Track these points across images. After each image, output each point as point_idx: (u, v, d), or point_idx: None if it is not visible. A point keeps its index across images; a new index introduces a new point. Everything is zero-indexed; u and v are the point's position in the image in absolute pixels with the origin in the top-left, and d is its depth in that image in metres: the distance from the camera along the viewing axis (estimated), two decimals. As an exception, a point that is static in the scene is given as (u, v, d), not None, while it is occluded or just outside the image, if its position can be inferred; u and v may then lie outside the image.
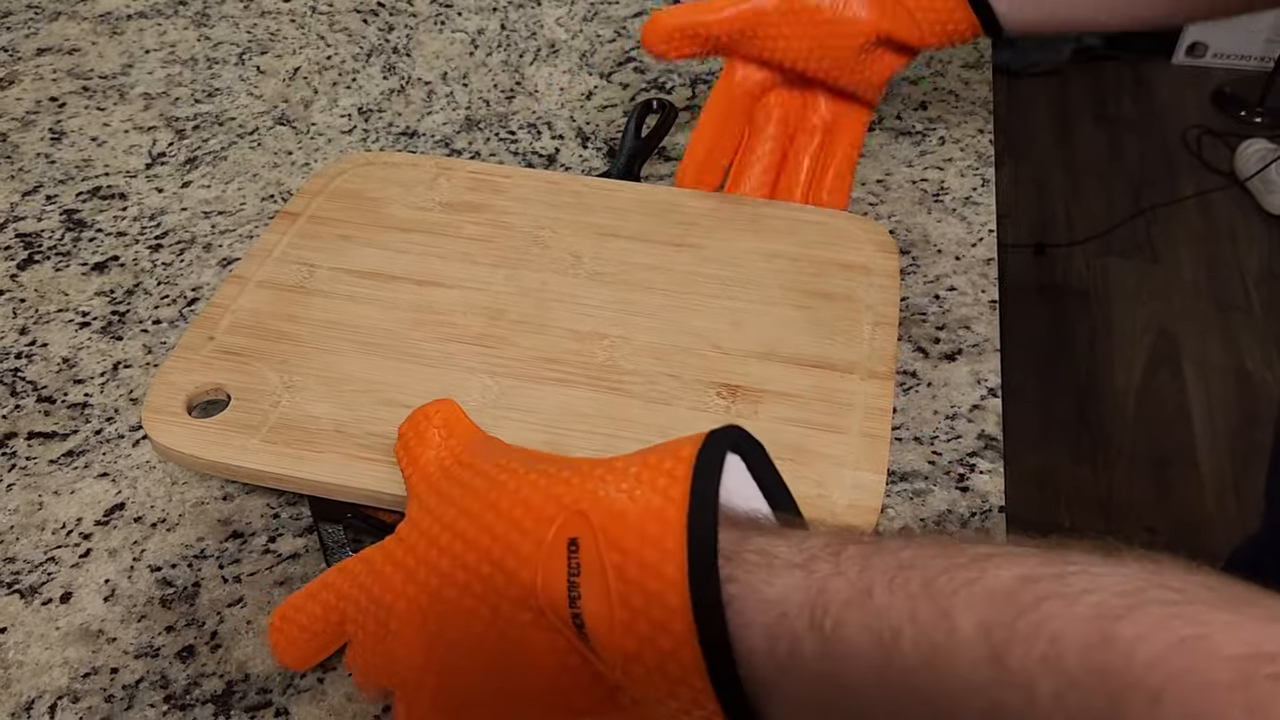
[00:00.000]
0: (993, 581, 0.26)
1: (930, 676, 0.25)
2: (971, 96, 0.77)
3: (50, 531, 0.50)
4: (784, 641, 0.28)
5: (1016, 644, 0.24)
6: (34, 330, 0.60)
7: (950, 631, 0.25)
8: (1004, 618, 0.25)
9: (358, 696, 0.44)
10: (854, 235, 0.58)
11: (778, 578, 0.28)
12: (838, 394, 0.49)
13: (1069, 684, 0.23)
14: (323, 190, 0.60)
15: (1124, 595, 0.24)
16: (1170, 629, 0.23)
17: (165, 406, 0.48)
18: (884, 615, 0.26)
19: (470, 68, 0.81)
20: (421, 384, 0.49)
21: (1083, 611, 0.24)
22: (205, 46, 0.84)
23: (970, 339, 0.59)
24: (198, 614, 0.47)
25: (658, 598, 0.29)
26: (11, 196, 0.70)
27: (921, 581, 0.26)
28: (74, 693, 0.44)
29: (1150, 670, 0.23)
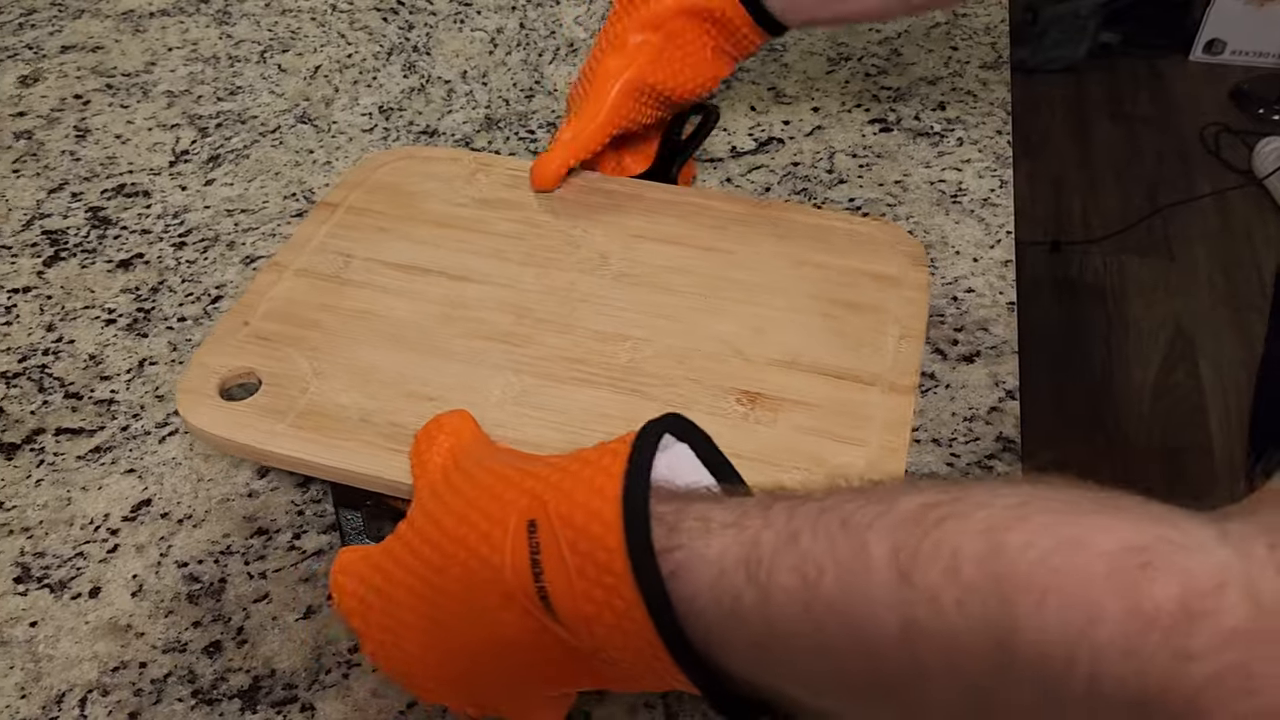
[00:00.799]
0: (900, 511, 0.28)
1: (850, 604, 0.28)
2: (990, 97, 0.77)
3: (79, 527, 0.51)
4: (727, 596, 0.30)
5: (921, 562, 0.27)
6: (61, 327, 0.61)
7: (865, 561, 0.28)
8: (910, 541, 0.28)
9: (382, 692, 0.45)
10: (885, 245, 0.58)
11: (715, 539, 0.31)
12: (858, 406, 0.49)
13: (968, 591, 0.26)
14: (362, 182, 0.61)
15: (1012, 509, 0.27)
16: (1053, 533, 0.26)
17: (199, 388, 0.49)
18: (808, 556, 0.29)
19: (490, 66, 0.82)
20: (446, 378, 0.50)
21: (976, 526, 0.27)
22: (227, 44, 0.85)
23: (988, 341, 0.60)
24: (224, 610, 0.48)
25: (606, 566, 0.31)
26: (38, 194, 0.71)
27: (840, 520, 0.29)
28: (103, 686, 0.45)
29: (1036, 570, 0.25)
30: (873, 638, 0.28)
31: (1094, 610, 0.25)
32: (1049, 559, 0.26)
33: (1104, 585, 0.25)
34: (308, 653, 0.46)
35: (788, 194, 0.69)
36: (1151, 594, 0.24)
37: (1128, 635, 0.24)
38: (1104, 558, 0.25)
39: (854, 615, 0.28)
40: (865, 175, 0.70)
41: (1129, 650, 0.24)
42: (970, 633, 0.26)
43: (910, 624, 0.27)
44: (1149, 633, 0.24)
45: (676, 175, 0.65)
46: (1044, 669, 0.25)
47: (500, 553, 0.33)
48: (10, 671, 0.45)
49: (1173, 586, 0.24)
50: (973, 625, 0.26)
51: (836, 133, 0.74)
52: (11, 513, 0.51)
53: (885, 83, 0.79)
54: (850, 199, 0.69)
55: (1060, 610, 0.25)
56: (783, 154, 0.72)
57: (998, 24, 0.85)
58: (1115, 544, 0.25)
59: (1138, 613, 0.24)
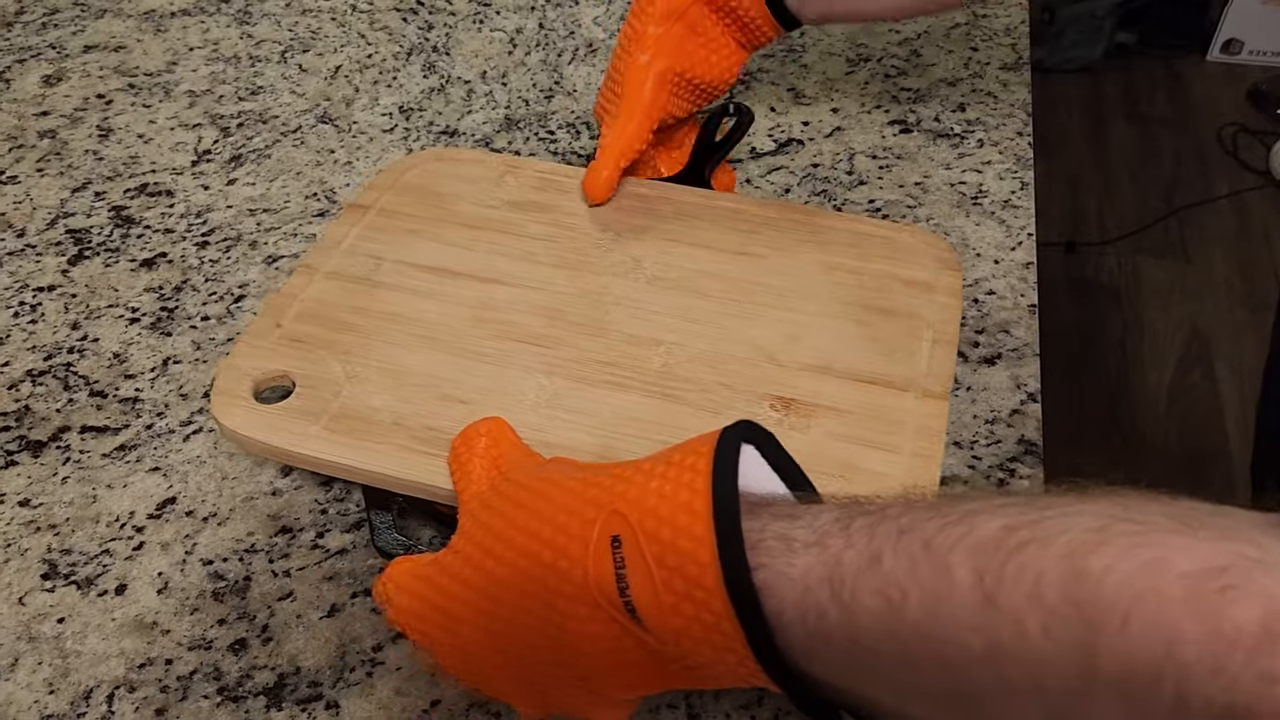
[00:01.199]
0: (981, 533, 0.29)
1: (935, 627, 0.29)
2: (1010, 99, 0.77)
3: (104, 524, 0.51)
4: (812, 614, 0.31)
5: (1005, 587, 0.27)
6: (85, 325, 0.62)
7: (949, 584, 0.28)
8: (993, 564, 0.28)
9: (406, 691, 0.45)
10: (918, 250, 0.58)
11: (798, 558, 0.32)
12: (891, 412, 0.49)
13: (1052, 616, 0.27)
14: (392, 184, 0.61)
15: (1092, 531, 0.27)
16: (1133, 556, 0.26)
17: (232, 390, 0.49)
18: (892, 578, 0.30)
19: (509, 67, 0.82)
20: (479, 380, 0.50)
21: (1058, 550, 0.27)
22: (248, 44, 0.85)
23: (1010, 343, 0.60)
24: (249, 607, 0.48)
25: (696, 580, 0.32)
26: (61, 193, 0.71)
27: (922, 542, 0.30)
28: (130, 683, 0.45)
29: (1118, 595, 0.26)
30: (958, 659, 0.28)
31: (1175, 633, 0.25)
32: (1130, 583, 0.26)
33: (1183, 609, 0.25)
34: (332, 651, 0.46)
35: (807, 195, 0.69)
36: (1232, 616, 0.24)
37: (1213, 655, 0.24)
38: (1182, 580, 0.25)
39: (939, 637, 0.29)
40: (885, 177, 0.70)
41: (1215, 669, 0.24)
42: (1055, 655, 0.26)
43: (995, 647, 0.27)
44: (1233, 653, 0.24)
45: (709, 177, 0.65)
46: (1129, 689, 0.26)
47: (581, 567, 0.34)
48: (39, 667, 0.46)
49: (1254, 608, 0.24)
50: (1058, 648, 0.26)
51: (856, 134, 0.74)
52: (38, 510, 0.52)
53: (905, 84, 0.79)
54: (870, 200, 0.69)
55: (1143, 634, 0.25)
56: (802, 155, 0.72)
57: (1018, 25, 0.85)
58: (1194, 565, 0.26)
59: (1219, 635, 0.24)
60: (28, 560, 0.50)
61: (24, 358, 0.60)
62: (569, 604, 0.34)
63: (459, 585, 0.37)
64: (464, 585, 0.37)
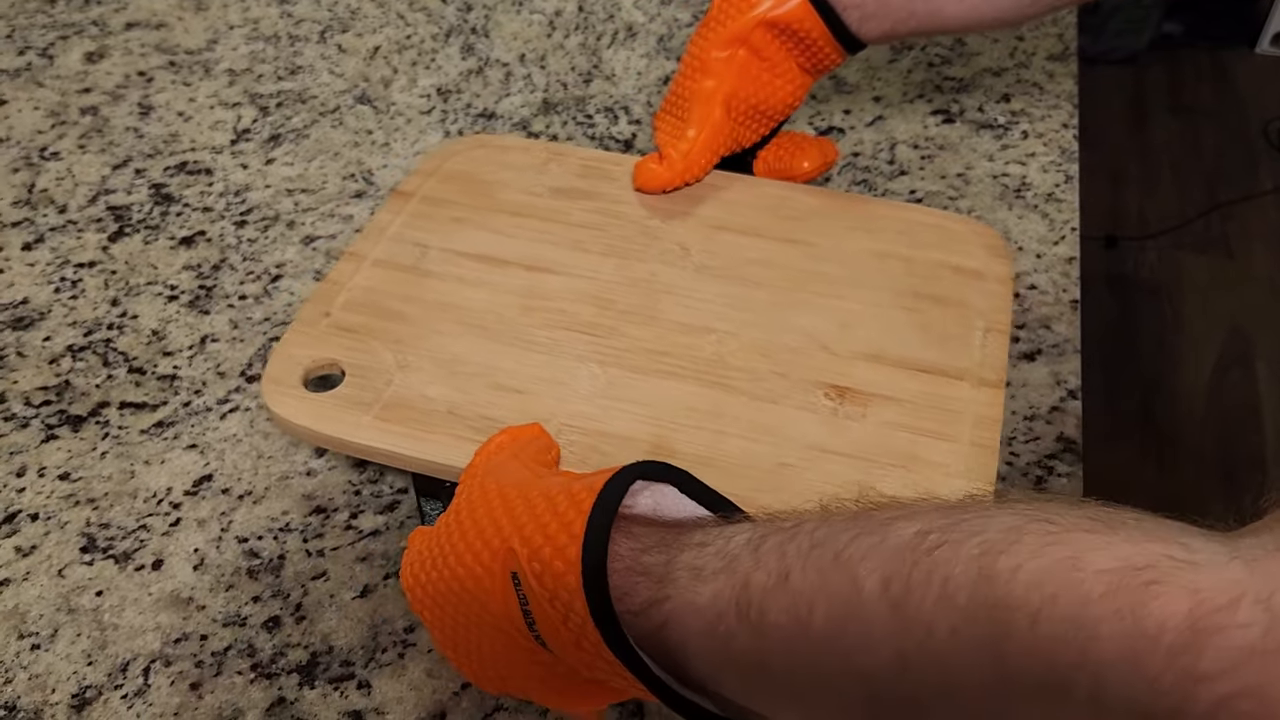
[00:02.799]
0: (894, 540, 0.28)
1: (844, 640, 0.28)
2: (1056, 90, 0.76)
3: (142, 500, 0.52)
4: (719, 640, 0.30)
5: (914, 592, 0.27)
6: (125, 302, 0.62)
7: (857, 594, 0.28)
8: (901, 570, 0.27)
9: (437, 673, 0.45)
10: (966, 238, 0.57)
11: (705, 586, 0.31)
12: (947, 401, 0.49)
13: (961, 618, 0.26)
14: (436, 171, 0.62)
15: (1005, 533, 0.26)
16: (1046, 555, 0.25)
17: (284, 378, 0.50)
18: (800, 594, 0.29)
19: (548, 50, 0.82)
20: (532, 369, 0.50)
21: (969, 551, 0.26)
22: (288, 24, 0.85)
23: (1050, 339, 0.59)
24: (283, 586, 0.48)
25: (572, 608, 0.32)
26: (103, 170, 0.72)
27: (832, 555, 0.29)
28: (166, 657, 0.46)
29: (1028, 594, 0.25)
30: (867, 670, 0.28)
31: (1091, 630, 0.24)
32: (1041, 582, 0.25)
33: (1101, 604, 0.24)
34: (364, 631, 0.47)
35: (847, 185, 0.68)
36: (1154, 611, 0.23)
37: (1131, 654, 0.23)
38: (1101, 576, 0.24)
39: (847, 649, 0.28)
40: (927, 167, 0.69)
41: (1133, 670, 0.23)
42: (965, 660, 0.26)
43: (903, 655, 0.27)
44: (1153, 652, 0.23)
45: (751, 163, 0.65)
46: (1043, 690, 0.24)
47: (495, 599, 0.35)
48: (78, 639, 0.46)
49: (1180, 603, 0.23)
50: (967, 652, 0.25)
51: (898, 123, 0.73)
52: (78, 484, 0.53)
53: (949, 73, 0.78)
54: (911, 191, 0.68)
55: (1055, 629, 0.24)
56: (843, 144, 0.72)
57: (1065, 15, 0.83)
58: (1114, 562, 0.24)
59: (1139, 631, 0.23)
60: (67, 533, 0.50)
61: (65, 333, 0.60)
62: (494, 623, 0.35)
63: (429, 558, 0.38)
64: (430, 560, 0.38)
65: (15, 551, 0.50)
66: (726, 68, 0.60)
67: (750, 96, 0.61)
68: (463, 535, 0.36)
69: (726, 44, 0.60)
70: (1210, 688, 0.22)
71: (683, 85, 0.62)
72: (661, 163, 0.61)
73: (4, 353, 0.59)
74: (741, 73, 0.60)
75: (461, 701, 0.44)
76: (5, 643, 0.46)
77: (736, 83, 0.60)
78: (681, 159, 0.60)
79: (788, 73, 0.61)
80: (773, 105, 0.62)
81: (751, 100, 0.61)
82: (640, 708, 0.44)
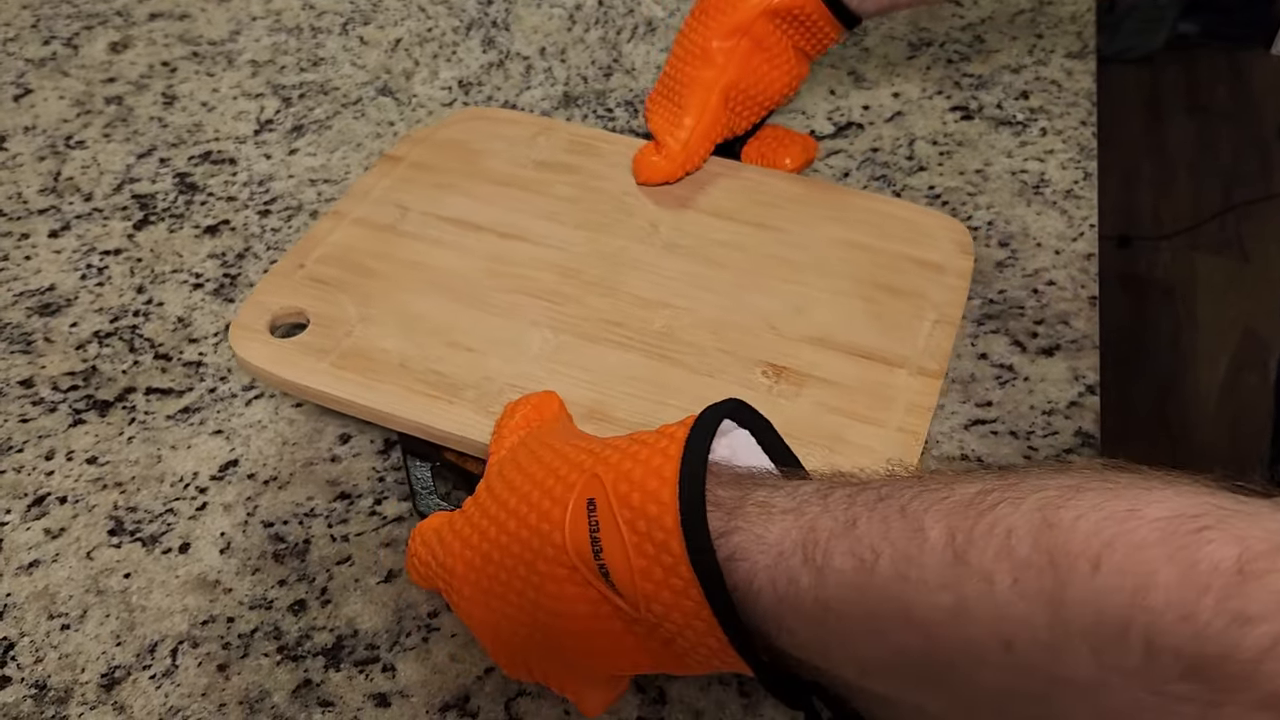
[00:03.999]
0: (958, 496, 0.29)
1: (904, 586, 0.28)
2: (1074, 87, 0.76)
3: (169, 484, 0.53)
4: (783, 578, 0.31)
5: (976, 543, 0.27)
6: (150, 289, 0.63)
7: (921, 544, 0.28)
8: (965, 523, 0.28)
9: (461, 657, 0.46)
10: (936, 233, 0.58)
11: (774, 524, 0.32)
12: (882, 387, 0.50)
13: (1022, 568, 0.26)
14: (428, 139, 0.63)
15: (1065, 489, 0.27)
16: (1106, 507, 0.26)
17: (251, 324, 0.52)
18: (864, 540, 0.30)
19: (568, 43, 0.82)
20: (487, 330, 0.52)
21: (1030, 506, 0.27)
22: (310, 15, 0.86)
23: (1069, 334, 0.59)
24: (308, 570, 0.49)
25: (663, 544, 0.32)
26: (127, 158, 0.72)
27: (898, 507, 0.30)
28: (193, 638, 0.46)
29: (1088, 542, 0.25)
30: (926, 619, 0.28)
31: (1147, 576, 0.24)
32: (1101, 530, 0.25)
33: (1157, 550, 0.24)
34: (389, 615, 0.47)
35: (866, 180, 0.69)
36: (1206, 556, 0.24)
37: (1183, 600, 0.24)
38: (1155, 524, 0.25)
39: (908, 596, 0.28)
40: (946, 163, 0.70)
41: (1184, 615, 0.23)
42: (1023, 608, 0.26)
43: (963, 603, 0.27)
44: (1203, 596, 0.23)
45: (740, 151, 0.65)
46: (1098, 638, 0.25)
47: (560, 529, 0.35)
48: (106, 620, 0.47)
49: (1229, 548, 0.24)
50: (1026, 600, 0.26)
51: (917, 119, 0.73)
52: (105, 468, 0.53)
53: (967, 69, 0.78)
54: (930, 187, 0.68)
55: (1113, 577, 0.25)
56: (862, 139, 0.72)
57: (1084, 12, 0.83)
58: (1168, 511, 0.25)
59: (1191, 576, 0.24)
60: (95, 516, 0.51)
61: (91, 319, 0.61)
62: (549, 565, 0.35)
63: (459, 542, 0.39)
64: (464, 544, 0.38)
65: (45, 533, 0.50)
66: (728, 59, 0.60)
67: (750, 86, 0.61)
68: (514, 489, 0.37)
69: (728, 34, 0.60)
70: (1256, 631, 0.23)
71: (680, 72, 0.62)
72: (660, 153, 0.61)
73: (32, 338, 0.60)
74: (743, 63, 0.60)
75: (485, 685, 0.45)
76: (36, 623, 0.47)
77: (737, 73, 0.60)
78: (681, 149, 0.61)
79: (786, 61, 0.62)
80: (769, 93, 0.62)
81: (750, 89, 0.61)
82: (662, 695, 0.45)
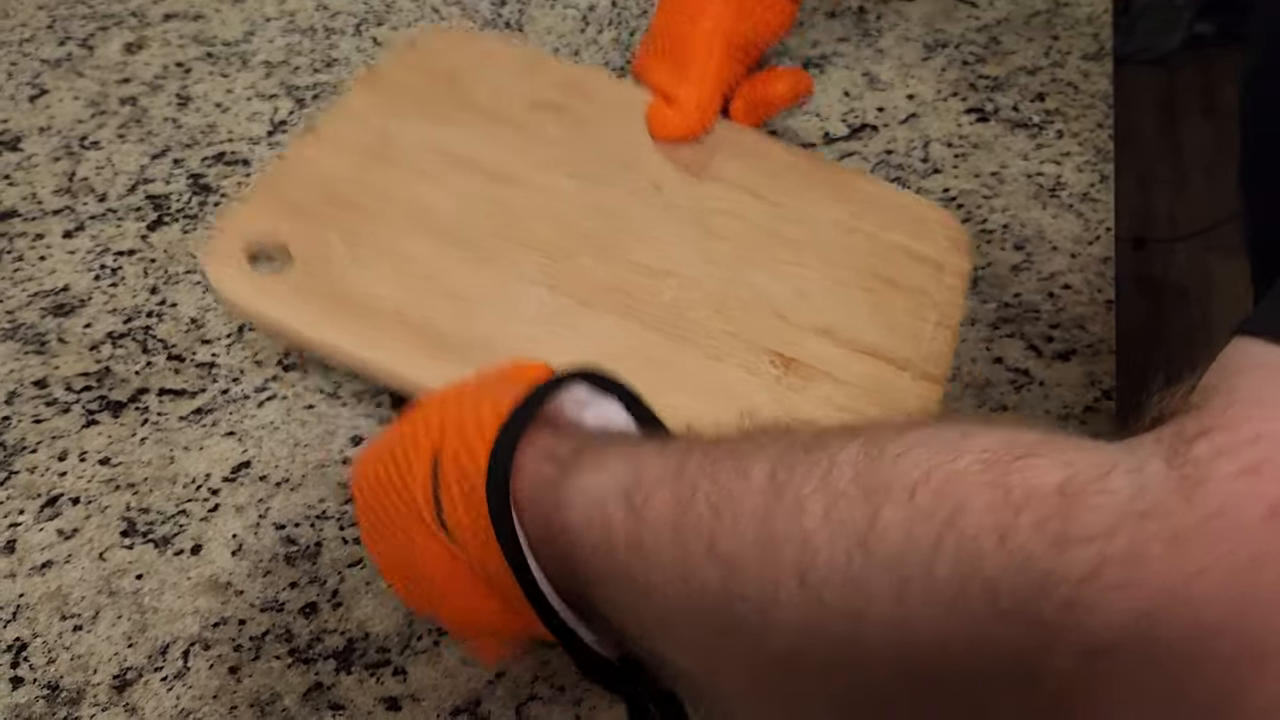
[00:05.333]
0: (793, 439, 0.28)
1: (715, 520, 0.27)
2: (1091, 89, 0.76)
3: (181, 485, 0.53)
4: (599, 522, 0.30)
5: (795, 476, 0.26)
6: (164, 290, 0.63)
7: (744, 479, 0.27)
8: (790, 461, 0.27)
9: (472, 661, 0.46)
10: (932, 227, 0.57)
11: (604, 472, 0.31)
12: (887, 388, 0.49)
13: (836, 498, 0.25)
14: (416, 64, 0.59)
15: (898, 427, 0.26)
16: (932, 443, 0.25)
17: (225, 252, 0.48)
18: (687, 479, 0.28)
19: (582, 44, 0.82)
20: (483, 282, 0.49)
21: (857, 443, 0.26)
22: (323, 16, 0.86)
23: (1085, 339, 0.58)
24: (319, 572, 0.49)
25: (475, 485, 0.32)
26: (141, 159, 0.72)
27: (729, 451, 0.29)
28: (205, 640, 0.46)
29: (908, 471, 0.24)
30: (729, 551, 0.26)
31: (961, 500, 0.23)
32: (923, 460, 0.24)
33: (977, 478, 0.23)
34: (400, 619, 0.47)
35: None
36: (1025, 480, 0.22)
37: (996, 522, 0.22)
38: (977, 455, 0.23)
39: (716, 529, 0.27)
40: (961, 166, 0.69)
41: (999, 537, 0.22)
42: (826, 535, 0.24)
43: (768, 531, 0.26)
44: (1019, 515, 0.22)
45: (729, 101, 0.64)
46: (905, 566, 0.23)
47: (418, 485, 0.35)
48: (118, 621, 0.47)
49: (1052, 474, 0.22)
50: (831, 527, 0.24)
51: (932, 121, 0.73)
52: (118, 469, 0.53)
53: (983, 71, 0.77)
54: (945, 189, 0.68)
55: (926, 502, 0.23)
56: (876, 141, 0.71)
57: (1101, 14, 0.83)
58: (995, 443, 0.24)
59: (1009, 499, 0.22)
60: (107, 517, 0.51)
61: (104, 320, 0.61)
62: (414, 520, 0.35)
63: (359, 468, 0.38)
64: (362, 469, 0.38)
65: (58, 534, 0.50)
66: (724, 7, 0.59)
67: (747, 31, 0.60)
68: (401, 438, 0.37)
69: None
70: (1080, 554, 0.21)
71: (673, 26, 0.61)
72: (675, 109, 0.59)
73: (45, 339, 0.60)
74: (738, 10, 0.60)
75: (496, 690, 0.45)
76: (48, 623, 0.47)
77: (733, 21, 0.60)
78: (696, 107, 0.59)
79: (778, 2, 0.61)
80: (764, 37, 0.62)
81: (747, 35, 0.60)
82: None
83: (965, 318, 0.59)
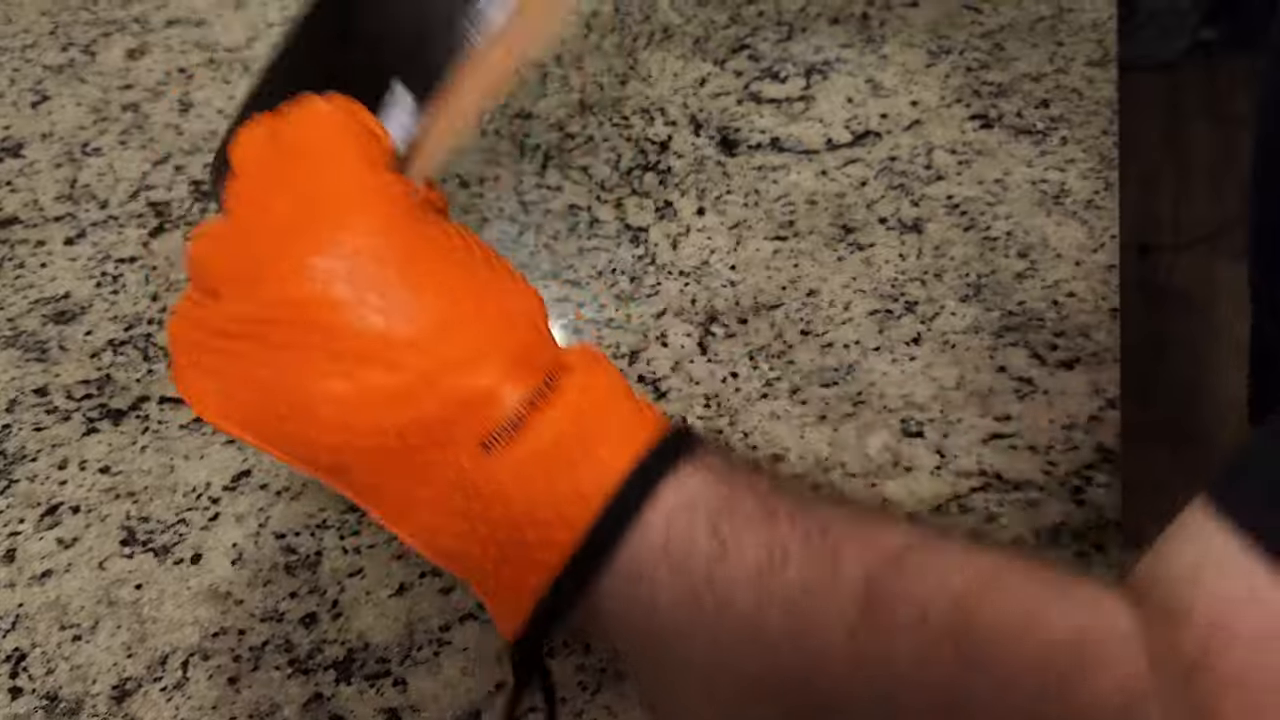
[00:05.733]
0: (882, 544, 0.29)
1: (809, 602, 0.28)
2: (1095, 95, 0.75)
3: (181, 494, 0.52)
4: (682, 531, 0.29)
5: (887, 601, 0.27)
6: (165, 297, 0.63)
7: (833, 575, 0.28)
8: (884, 575, 0.28)
9: (472, 671, 0.45)
10: None
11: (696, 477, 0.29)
12: None
13: (928, 646, 0.27)
14: None
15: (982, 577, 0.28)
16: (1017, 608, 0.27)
17: None
18: (779, 540, 0.28)
19: (584, 50, 0.82)
20: None
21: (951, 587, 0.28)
22: (326, 23, 0.86)
23: (1089, 347, 0.58)
24: (319, 582, 0.49)
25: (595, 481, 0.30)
26: (143, 165, 0.72)
27: (820, 524, 0.29)
28: (204, 650, 0.46)
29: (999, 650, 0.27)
30: (814, 647, 0.28)
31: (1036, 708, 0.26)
32: (1008, 640, 0.27)
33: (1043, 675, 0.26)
34: (400, 628, 0.47)
35: (884, 189, 0.68)
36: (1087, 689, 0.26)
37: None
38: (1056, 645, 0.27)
39: (806, 619, 0.28)
40: (964, 173, 0.69)
41: None
42: (922, 687, 0.27)
43: (860, 658, 0.27)
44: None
45: None
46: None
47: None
48: (118, 631, 0.47)
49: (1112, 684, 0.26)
50: (925, 676, 0.27)
51: (935, 128, 0.73)
52: (118, 477, 0.53)
53: (987, 78, 0.77)
54: (948, 196, 0.67)
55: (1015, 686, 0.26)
56: (879, 148, 0.71)
57: (1105, 20, 0.83)
58: (1066, 634, 0.27)
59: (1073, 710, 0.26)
60: (107, 526, 0.51)
61: (106, 327, 0.61)
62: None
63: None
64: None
65: (57, 543, 0.50)
66: None
67: None
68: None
69: None
70: None
71: None
72: None
73: (46, 346, 0.60)
74: None
75: (496, 701, 0.44)
76: (48, 633, 0.47)
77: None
78: None
79: None
80: None
81: None
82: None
83: (969, 325, 0.59)
